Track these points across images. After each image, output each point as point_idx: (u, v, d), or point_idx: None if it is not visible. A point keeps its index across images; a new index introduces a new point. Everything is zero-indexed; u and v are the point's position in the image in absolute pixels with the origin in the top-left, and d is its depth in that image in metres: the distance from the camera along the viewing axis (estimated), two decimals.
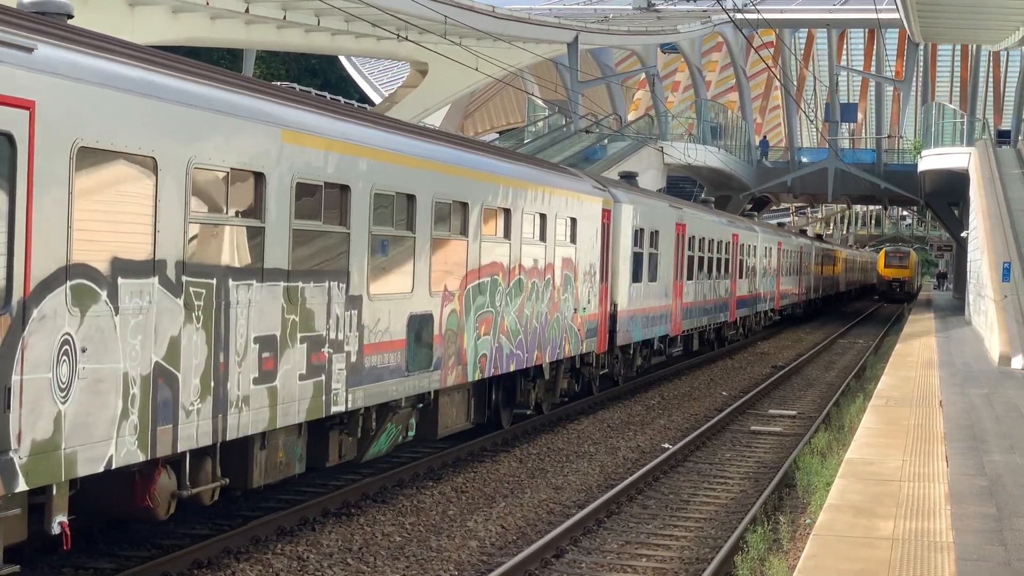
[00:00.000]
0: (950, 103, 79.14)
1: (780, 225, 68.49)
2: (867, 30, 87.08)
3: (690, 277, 34.74)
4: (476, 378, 18.46)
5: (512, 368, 19.93)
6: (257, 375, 12.50)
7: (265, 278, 12.60)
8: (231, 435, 12.09)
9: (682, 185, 70.21)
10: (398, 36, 37.27)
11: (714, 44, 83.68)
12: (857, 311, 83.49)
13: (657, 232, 30.23)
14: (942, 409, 20.87)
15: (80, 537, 12.44)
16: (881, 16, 59.54)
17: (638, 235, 28.31)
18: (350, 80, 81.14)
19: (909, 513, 12.35)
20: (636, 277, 28.19)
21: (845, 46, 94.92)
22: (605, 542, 14.77)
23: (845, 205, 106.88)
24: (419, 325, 16.20)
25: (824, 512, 12.49)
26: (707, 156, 64.74)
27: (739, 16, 54.08)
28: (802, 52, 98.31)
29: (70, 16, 11.22)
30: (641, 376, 31.10)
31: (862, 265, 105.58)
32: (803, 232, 74.11)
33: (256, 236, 12.51)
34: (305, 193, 13.42)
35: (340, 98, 16.21)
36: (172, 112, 11.04)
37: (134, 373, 10.64)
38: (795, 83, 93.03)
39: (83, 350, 10.01)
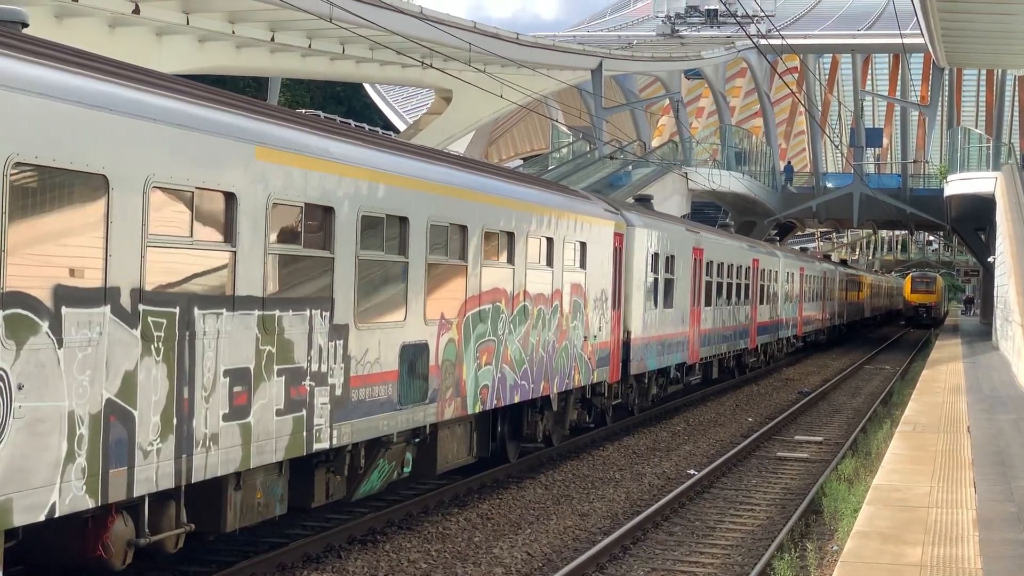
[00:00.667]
0: (976, 128, 78.94)
1: (803, 250, 68.15)
2: (892, 55, 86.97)
3: (708, 303, 33.77)
4: (477, 411, 17.39)
5: (516, 399, 18.93)
6: (227, 411, 11.47)
7: (237, 306, 11.58)
8: (197, 477, 11.10)
9: (707, 211, 70.20)
10: (423, 64, 37.41)
11: (738, 70, 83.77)
12: (883, 337, 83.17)
13: (673, 257, 29.27)
14: (970, 435, 20.75)
15: None
16: (906, 41, 59.46)
17: (653, 260, 27.37)
18: (375, 107, 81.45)
19: (937, 539, 12.26)
20: (651, 303, 27.22)
21: (870, 71, 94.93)
22: (631, 569, 14.71)
23: (871, 230, 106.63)
24: (413, 355, 15.21)
25: (852, 539, 12.41)
26: (732, 182, 64.72)
27: (763, 42, 54.11)
28: (827, 77, 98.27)
29: (24, 24, 10.55)
30: (657, 406, 30.09)
31: (888, 290, 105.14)
32: (827, 257, 73.76)
33: (226, 261, 11.50)
34: (283, 215, 12.52)
35: (366, 125, 16.20)
36: (126, 126, 10.08)
37: (81, 411, 9.65)
38: (820, 108, 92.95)
39: (19, 387, 9.08)
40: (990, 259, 58.98)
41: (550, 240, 20.32)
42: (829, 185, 78.01)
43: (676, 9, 79.23)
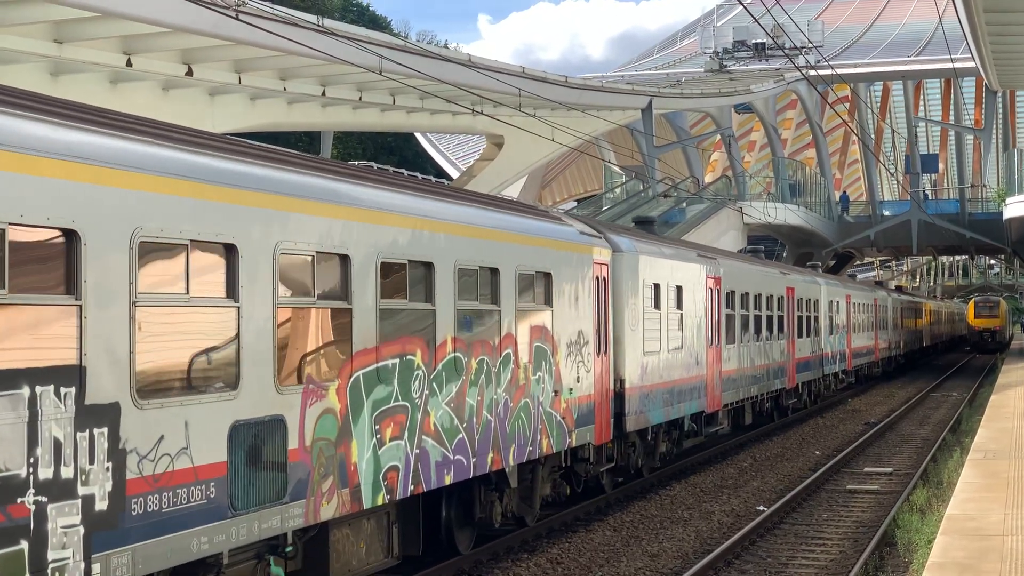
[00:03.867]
0: None
1: (851, 276, 66.80)
2: (943, 80, 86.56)
3: (731, 340, 29.37)
4: (380, 501, 13.03)
5: (448, 480, 14.66)
6: None
7: None
8: None
9: (764, 244, 70.00)
10: (473, 111, 37.65)
11: (788, 102, 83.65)
12: (949, 363, 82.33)
13: (680, 288, 24.88)
14: None
15: None
16: (957, 66, 59.17)
17: (652, 292, 23.04)
18: (426, 156, 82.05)
19: (1015, 568, 12.09)
20: (651, 344, 22.81)
21: (922, 97, 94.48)
22: None
23: (931, 257, 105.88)
24: (255, 438, 10.94)
25: (927, 570, 12.26)
26: (787, 214, 64.51)
27: (812, 73, 54.00)
28: (878, 105, 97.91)
29: None
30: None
31: (949, 316, 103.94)
32: (879, 283, 72.48)
33: None
34: None
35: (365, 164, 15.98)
36: None
37: None
38: (873, 136, 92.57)
39: None
40: None
41: (494, 271, 16.02)
42: (886, 213, 77.62)
43: (724, 44, 79.38)
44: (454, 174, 71.77)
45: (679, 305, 24.88)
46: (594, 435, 19.71)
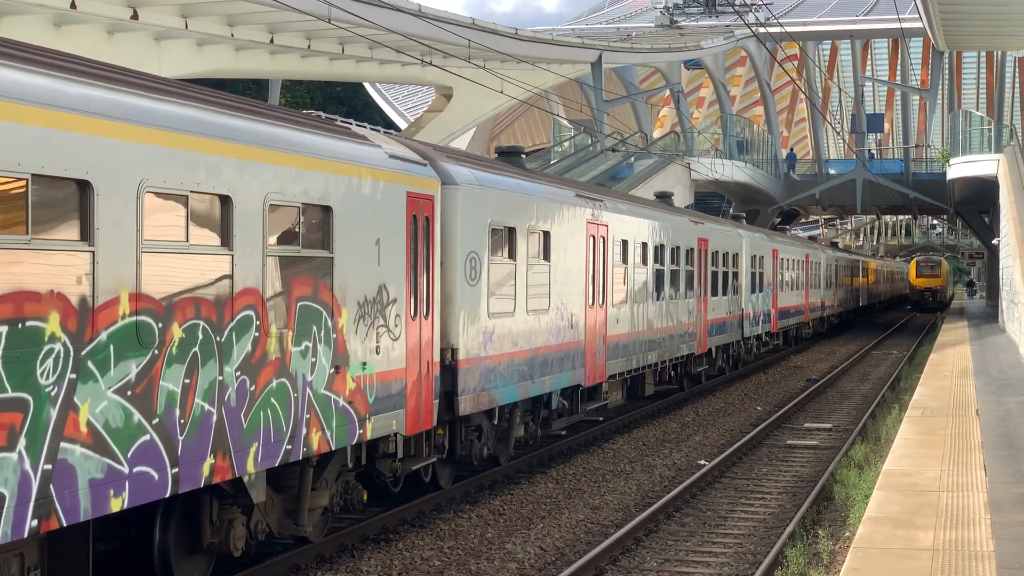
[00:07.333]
0: (977, 110, 78.88)
1: (781, 231, 65.61)
2: (891, 40, 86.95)
3: (622, 298, 24.82)
4: None
5: (117, 506, 9.93)
6: None
7: None
8: None
9: (710, 201, 70.25)
10: (422, 61, 37.46)
11: (738, 59, 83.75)
12: (890, 322, 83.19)
13: (548, 234, 20.37)
14: (979, 418, 20.76)
15: None
16: (904, 26, 59.41)
17: (505, 238, 18.71)
18: (375, 106, 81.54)
19: (949, 523, 12.28)
20: (499, 304, 18.30)
21: (869, 56, 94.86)
22: (644, 561, 14.76)
23: (874, 216, 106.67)
24: None
25: (863, 525, 12.43)
26: (734, 171, 64.71)
27: (762, 30, 54.09)
28: (826, 64, 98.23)
29: None
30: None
31: (889, 275, 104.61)
32: (812, 239, 72.02)
33: None
34: None
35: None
36: None
37: None
38: (820, 95, 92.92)
39: None
40: (994, 241, 59.01)
41: (224, 200, 11.47)
42: (832, 172, 78.06)
43: None
44: (403, 125, 71.44)
45: (546, 255, 20.37)
46: (404, 422, 15.19)
